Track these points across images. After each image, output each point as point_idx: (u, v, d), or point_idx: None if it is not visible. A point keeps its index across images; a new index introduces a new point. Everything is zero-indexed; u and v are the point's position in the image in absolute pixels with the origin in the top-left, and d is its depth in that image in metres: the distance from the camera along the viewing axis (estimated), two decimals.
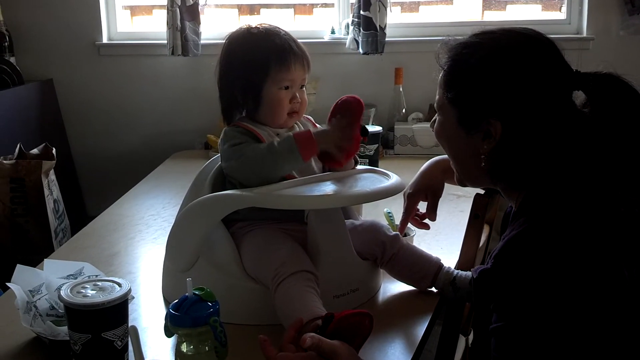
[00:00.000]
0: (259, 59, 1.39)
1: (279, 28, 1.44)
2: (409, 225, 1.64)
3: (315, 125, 1.51)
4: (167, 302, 1.44)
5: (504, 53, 1.10)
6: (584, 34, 3.02)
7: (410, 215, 1.57)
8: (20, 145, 2.62)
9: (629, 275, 0.96)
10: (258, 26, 1.44)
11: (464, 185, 1.25)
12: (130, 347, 1.15)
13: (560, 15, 3.12)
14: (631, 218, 1.00)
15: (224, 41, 1.45)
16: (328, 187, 1.34)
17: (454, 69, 1.15)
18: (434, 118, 1.24)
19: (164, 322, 1.17)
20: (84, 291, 1.15)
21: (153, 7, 3.33)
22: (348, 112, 1.36)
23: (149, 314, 1.40)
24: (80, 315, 1.12)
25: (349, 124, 1.35)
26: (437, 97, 1.20)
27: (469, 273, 1.43)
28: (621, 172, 1.07)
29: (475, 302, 1.10)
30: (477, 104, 1.10)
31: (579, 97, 1.11)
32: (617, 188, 1.05)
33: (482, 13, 3.18)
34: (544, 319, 0.95)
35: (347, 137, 1.35)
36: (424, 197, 1.55)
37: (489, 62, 1.10)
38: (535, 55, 1.10)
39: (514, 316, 0.97)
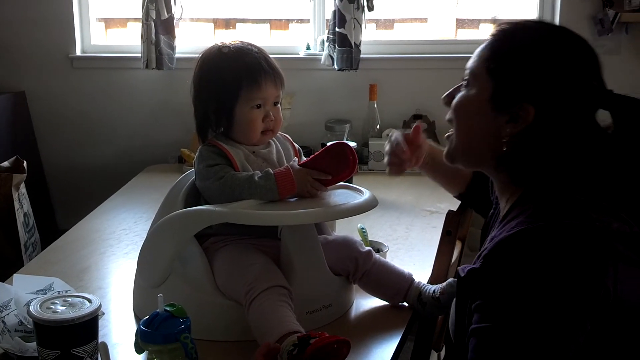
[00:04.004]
0: (230, 78, 1.39)
1: (251, 45, 1.44)
2: (382, 241, 1.65)
3: (293, 145, 1.51)
4: (138, 318, 1.42)
5: (560, 43, 1.10)
6: None
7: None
8: None
9: (613, 290, 0.97)
10: (230, 45, 1.44)
11: (453, 162, 1.21)
12: None
13: None
14: (623, 235, 1.02)
15: (198, 56, 1.46)
16: (301, 204, 1.34)
17: (504, 39, 1.12)
18: (450, 91, 1.19)
19: (134, 338, 1.16)
20: (53, 307, 1.14)
21: (127, 20, 3.32)
22: (338, 168, 1.36)
23: (119, 330, 1.39)
24: (49, 332, 1.11)
25: (331, 181, 1.37)
26: (472, 64, 1.15)
27: (433, 287, 1.44)
28: (621, 190, 1.09)
29: (458, 301, 1.09)
30: (518, 84, 1.08)
31: (605, 119, 1.12)
32: (618, 206, 1.07)
33: (456, 31, 3.22)
34: (529, 322, 0.96)
35: (322, 189, 1.37)
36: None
37: (542, 47, 1.09)
38: (587, 58, 1.11)
39: (499, 317, 0.98)
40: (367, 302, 1.50)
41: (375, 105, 2.92)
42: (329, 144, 1.40)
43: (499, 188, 1.20)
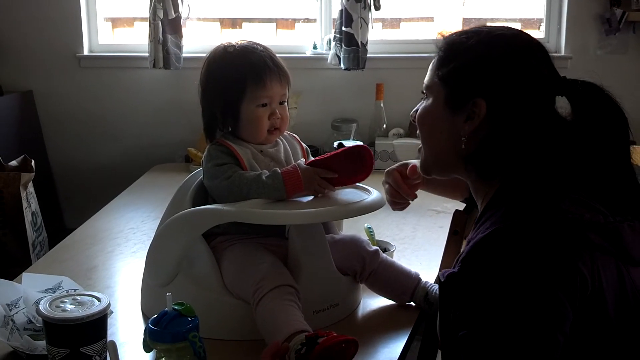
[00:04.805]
0: (235, 77, 1.40)
1: (256, 44, 1.45)
2: (389, 241, 1.65)
3: (301, 144, 1.51)
4: (146, 316, 1.43)
5: (500, 39, 1.14)
6: (562, 53, 3.07)
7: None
8: None
9: (590, 278, 0.97)
10: (235, 44, 1.44)
11: (428, 174, 1.24)
12: None
13: (539, 34, 3.16)
14: (596, 225, 1.02)
15: (205, 56, 1.46)
16: (309, 203, 1.35)
17: (449, 48, 1.17)
18: (416, 107, 1.24)
19: (142, 337, 1.17)
20: (62, 305, 1.15)
21: (134, 19, 3.33)
22: (355, 171, 1.36)
23: (127, 329, 1.39)
24: (59, 330, 1.11)
25: (346, 182, 1.37)
26: (426, 79, 1.21)
27: None
28: (594, 180, 1.09)
29: (440, 307, 1.09)
30: (467, 81, 1.12)
31: (564, 108, 1.13)
32: (589, 195, 1.07)
33: None
34: (510, 320, 0.95)
35: (330, 188, 1.37)
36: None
37: (484, 45, 1.13)
38: (530, 48, 1.13)
39: (477, 323, 0.98)
40: (374, 302, 1.50)
41: (382, 105, 2.93)
42: (346, 144, 1.39)
43: (473, 190, 1.21)
